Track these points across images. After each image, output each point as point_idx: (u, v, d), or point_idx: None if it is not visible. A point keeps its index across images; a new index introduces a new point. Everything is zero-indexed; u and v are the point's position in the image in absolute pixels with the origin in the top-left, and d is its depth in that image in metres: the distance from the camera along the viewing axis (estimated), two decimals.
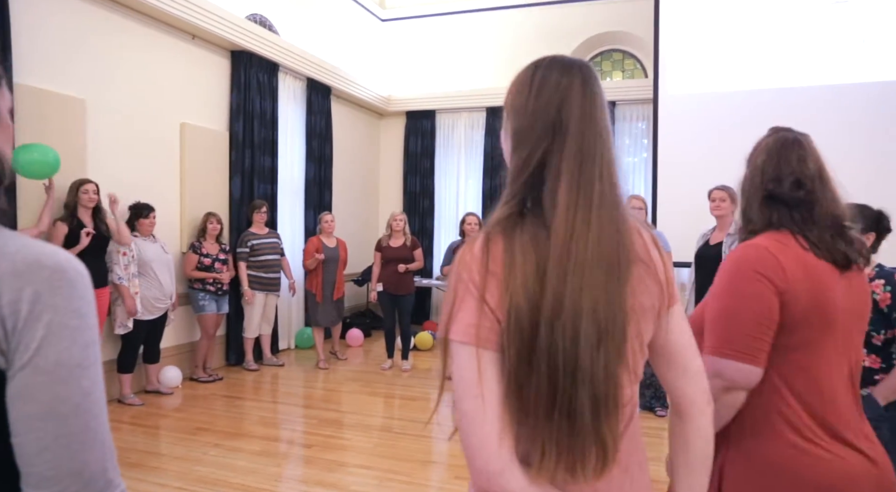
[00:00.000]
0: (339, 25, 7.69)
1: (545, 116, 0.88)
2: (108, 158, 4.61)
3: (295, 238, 6.76)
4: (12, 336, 0.67)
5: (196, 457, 3.60)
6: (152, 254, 4.64)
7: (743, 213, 1.36)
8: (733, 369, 1.20)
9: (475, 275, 0.84)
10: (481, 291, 0.83)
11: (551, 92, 0.88)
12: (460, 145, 8.36)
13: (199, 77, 5.51)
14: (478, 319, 0.83)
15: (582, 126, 0.87)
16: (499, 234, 0.86)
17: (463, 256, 0.87)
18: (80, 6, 4.38)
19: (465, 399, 0.83)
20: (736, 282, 1.24)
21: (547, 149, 0.87)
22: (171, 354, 5.16)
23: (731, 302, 1.23)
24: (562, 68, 0.91)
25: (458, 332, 0.84)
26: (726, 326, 1.22)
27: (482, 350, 0.83)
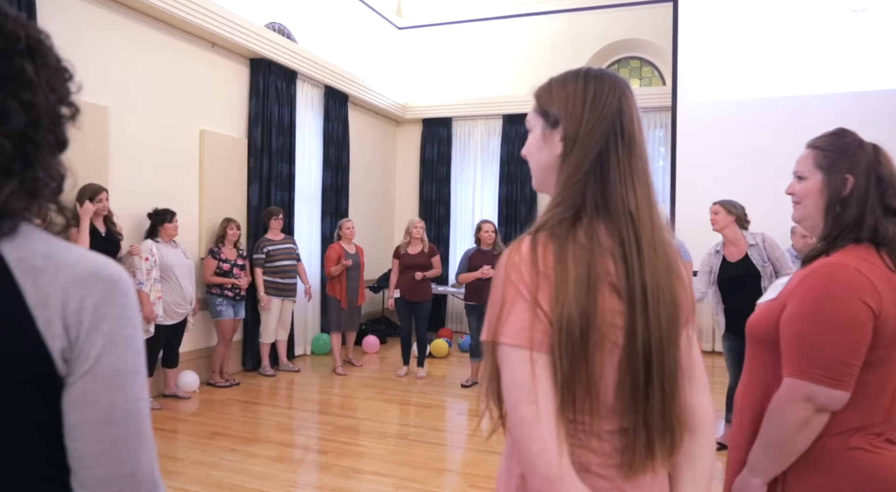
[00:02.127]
0: (357, 33, 7.75)
1: (605, 121, 0.90)
2: (130, 164, 4.68)
3: (311, 244, 6.80)
4: (75, 345, 0.69)
5: (213, 462, 3.62)
6: (174, 259, 4.69)
7: (845, 223, 1.28)
8: (825, 395, 1.18)
9: (525, 276, 0.83)
10: (533, 294, 0.82)
11: (608, 98, 0.91)
12: (476, 153, 8.37)
13: (218, 85, 5.58)
14: (531, 322, 0.82)
15: (638, 132, 0.92)
16: (547, 236, 0.86)
17: (510, 256, 0.86)
18: (103, 15, 4.46)
19: (520, 404, 0.82)
20: (830, 306, 1.20)
21: (609, 152, 0.89)
22: (189, 359, 5.20)
23: (825, 327, 1.19)
24: (611, 78, 0.94)
25: (511, 335, 0.83)
26: (819, 350, 1.19)
27: (536, 353, 0.82)
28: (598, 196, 0.88)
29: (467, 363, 5.91)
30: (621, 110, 0.91)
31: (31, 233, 0.71)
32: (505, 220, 7.94)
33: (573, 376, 0.82)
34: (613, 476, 0.88)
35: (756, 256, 3.77)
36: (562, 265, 0.83)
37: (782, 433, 1.22)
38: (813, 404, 1.19)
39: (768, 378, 1.31)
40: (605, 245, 0.86)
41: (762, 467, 1.25)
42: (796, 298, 1.26)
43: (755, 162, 5.95)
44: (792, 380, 1.21)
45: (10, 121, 0.68)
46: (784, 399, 1.22)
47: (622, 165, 0.89)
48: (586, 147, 0.90)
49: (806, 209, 1.37)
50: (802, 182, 1.38)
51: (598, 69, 0.96)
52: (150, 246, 4.52)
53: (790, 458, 1.23)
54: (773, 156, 5.93)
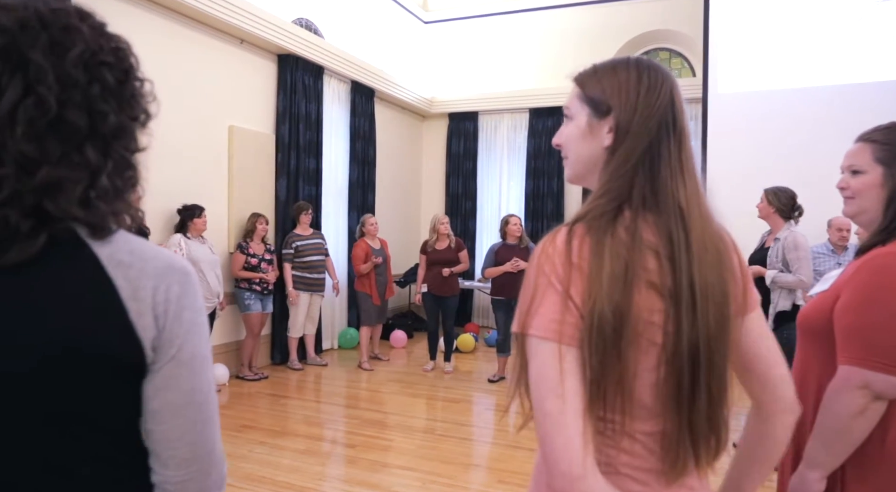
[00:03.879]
0: (383, 28, 7.74)
1: (658, 113, 0.88)
2: (161, 160, 4.74)
3: (339, 239, 6.83)
4: (162, 333, 0.73)
5: (242, 454, 3.66)
6: (201, 254, 4.74)
7: (888, 212, 1.29)
8: (883, 382, 1.17)
9: (558, 267, 0.81)
10: (566, 286, 0.80)
11: (662, 89, 0.89)
12: (503, 147, 8.31)
13: (247, 81, 5.62)
14: (561, 315, 0.80)
15: (687, 125, 0.91)
16: (585, 228, 0.84)
17: (545, 248, 0.84)
18: (134, 12, 4.53)
19: (547, 398, 0.80)
20: (887, 294, 1.19)
21: (660, 145, 0.87)
22: (218, 353, 5.27)
23: (881, 314, 1.19)
24: (662, 69, 0.93)
25: (540, 327, 0.81)
26: (875, 337, 1.18)
27: (565, 347, 0.80)
28: (646, 190, 0.86)
29: (494, 358, 5.88)
30: (673, 102, 0.89)
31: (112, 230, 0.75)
32: (532, 215, 7.87)
33: (603, 373, 0.79)
34: (648, 481, 0.85)
35: (773, 252, 3.67)
36: (597, 259, 0.80)
37: (839, 422, 1.19)
38: (870, 391, 1.17)
39: (821, 370, 1.28)
40: (647, 241, 0.83)
41: (820, 460, 1.22)
42: (851, 287, 1.24)
43: (788, 154, 5.79)
44: (848, 367, 1.19)
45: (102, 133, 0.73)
46: (840, 387, 1.20)
47: (672, 158, 0.87)
48: (638, 139, 0.87)
49: (864, 204, 1.34)
50: (859, 177, 1.34)
51: (647, 58, 0.94)
52: (179, 240, 4.59)
53: (848, 449, 1.20)
54: (807, 147, 5.78)
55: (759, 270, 3.64)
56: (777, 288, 3.63)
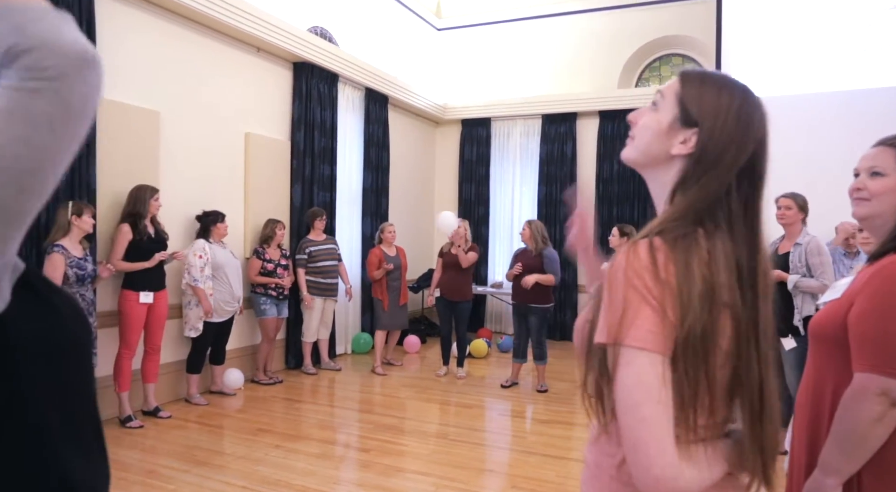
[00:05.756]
0: (397, 35, 7.82)
1: (744, 149, 0.91)
2: (179, 166, 4.83)
3: (352, 245, 6.89)
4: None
5: (258, 457, 3.70)
6: (224, 259, 4.83)
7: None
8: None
9: (649, 282, 0.83)
10: (661, 301, 0.83)
11: (755, 126, 0.92)
12: (516, 153, 8.34)
13: (263, 88, 5.71)
14: (660, 327, 0.83)
15: (765, 168, 0.93)
16: (666, 245, 0.86)
17: (630, 261, 0.85)
18: (156, 23, 4.62)
19: (645, 404, 0.82)
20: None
21: (739, 179, 0.91)
22: (234, 357, 5.33)
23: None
24: (759, 104, 0.95)
25: (638, 338, 0.83)
26: (892, 344, 1.19)
27: (663, 357, 0.83)
28: (722, 219, 0.90)
29: (507, 364, 5.89)
30: (762, 142, 0.92)
31: None
32: (545, 220, 7.86)
33: (695, 387, 0.85)
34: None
35: (795, 257, 3.67)
36: (687, 279, 0.83)
37: (856, 429, 1.20)
38: (887, 397, 1.17)
39: (835, 378, 1.29)
40: (726, 267, 0.87)
41: (836, 466, 1.23)
42: (866, 295, 1.24)
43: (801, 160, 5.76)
44: (865, 375, 1.20)
45: None
46: (857, 394, 1.20)
47: (754, 200, 0.92)
48: (721, 166, 0.91)
49: (878, 207, 1.33)
50: (878, 179, 1.33)
51: (754, 94, 0.96)
52: (203, 245, 4.66)
53: (865, 456, 1.20)
54: (819, 153, 5.74)
55: (781, 274, 3.64)
56: (799, 293, 3.62)
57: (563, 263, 5.93)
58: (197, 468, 3.50)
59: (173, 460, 3.60)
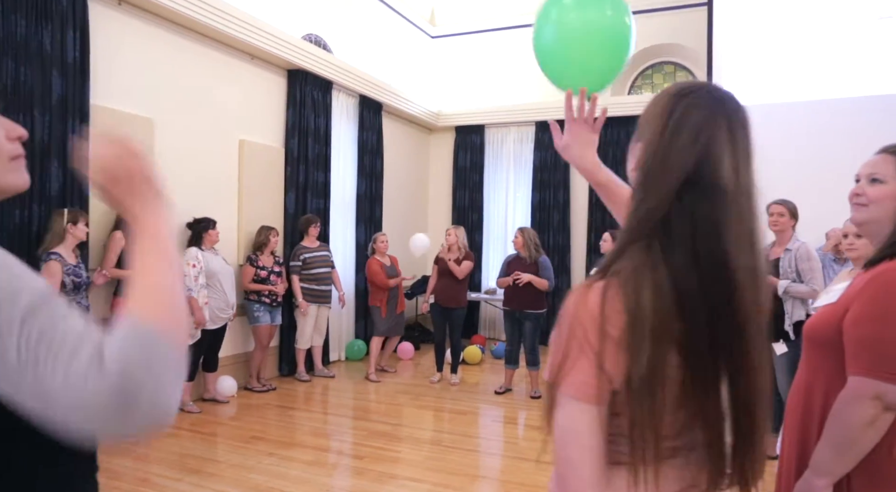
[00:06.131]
0: (391, 43, 7.85)
1: (681, 164, 0.83)
2: (173, 174, 4.83)
3: (346, 252, 6.89)
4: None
5: (251, 465, 3.69)
6: (217, 266, 4.82)
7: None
8: (894, 393, 1.20)
9: (591, 335, 0.82)
10: (599, 356, 0.81)
11: (692, 135, 0.83)
12: (509, 160, 8.37)
13: (257, 95, 5.72)
14: (593, 379, 0.82)
15: (726, 180, 0.83)
16: (618, 287, 0.82)
17: (577, 309, 0.84)
18: (150, 30, 4.63)
19: (571, 447, 0.83)
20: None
21: (679, 201, 0.82)
22: (227, 364, 5.32)
23: (894, 327, 1.21)
24: (709, 104, 0.85)
25: (571, 386, 0.83)
26: (888, 349, 1.21)
27: (592, 406, 0.83)
28: (667, 238, 0.83)
29: (500, 370, 5.89)
30: (707, 153, 0.83)
31: None
32: (538, 226, 7.91)
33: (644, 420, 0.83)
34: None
35: (785, 263, 3.70)
36: (631, 330, 0.80)
37: (848, 432, 1.22)
38: (881, 402, 1.20)
39: (826, 380, 1.31)
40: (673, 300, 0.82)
41: (828, 468, 1.25)
42: (862, 301, 1.26)
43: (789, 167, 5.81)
44: (859, 378, 1.22)
45: None
46: (851, 397, 1.23)
47: (695, 227, 0.82)
48: (656, 188, 0.84)
49: (875, 213, 1.35)
50: (877, 185, 1.35)
51: (707, 89, 0.88)
52: (196, 253, 4.65)
53: (856, 458, 1.23)
54: (808, 160, 5.81)
55: (772, 280, 3.68)
56: (790, 298, 3.65)
57: (557, 269, 5.96)
58: (190, 476, 3.48)
59: (166, 469, 3.58)
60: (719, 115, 0.85)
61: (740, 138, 0.85)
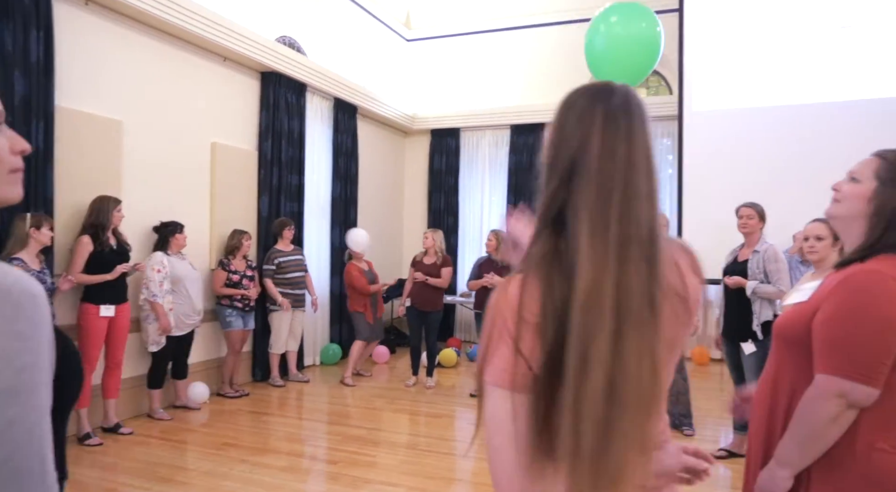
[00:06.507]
0: (366, 46, 7.83)
1: (566, 152, 0.88)
2: (143, 177, 4.75)
3: (321, 255, 6.84)
4: None
5: (223, 472, 3.63)
6: (183, 271, 4.73)
7: (873, 231, 1.34)
8: (860, 392, 1.24)
9: (509, 322, 0.85)
10: (515, 341, 0.84)
11: (573, 126, 0.89)
12: (484, 163, 8.41)
13: (229, 98, 5.65)
14: (511, 366, 0.85)
15: (600, 163, 0.85)
16: (535, 277, 0.86)
17: (498, 300, 0.87)
18: (118, 30, 4.54)
19: (496, 436, 0.86)
20: (871, 307, 1.25)
21: (567, 188, 0.87)
22: (199, 370, 5.23)
23: (861, 327, 1.25)
24: (589, 98, 0.90)
25: (492, 375, 0.87)
26: (854, 349, 1.25)
27: (515, 393, 0.85)
28: (561, 236, 0.87)
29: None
30: (586, 138, 0.87)
31: None
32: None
33: (549, 415, 0.84)
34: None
35: (753, 264, 3.78)
36: (544, 303, 0.83)
37: (814, 427, 1.27)
38: (845, 400, 1.24)
39: (792, 377, 1.35)
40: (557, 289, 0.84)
41: (790, 460, 1.30)
42: (833, 302, 1.30)
43: (761, 170, 5.95)
44: (826, 376, 1.26)
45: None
46: (817, 395, 1.27)
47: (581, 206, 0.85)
48: (551, 179, 0.89)
49: (844, 210, 1.40)
50: (854, 184, 1.40)
51: (590, 86, 0.91)
52: (161, 258, 4.56)
53: (818, 452, 1.28)
54: (779, 164, 5.94)
55: (740, 280, 3.76)
56: (758, 298, 3.73)
57: None
58: (159, 485, 3.41)
59: (134, 478, 3.51)
60: (597, 106, 0.88)
61: (621, 124, 0.87)
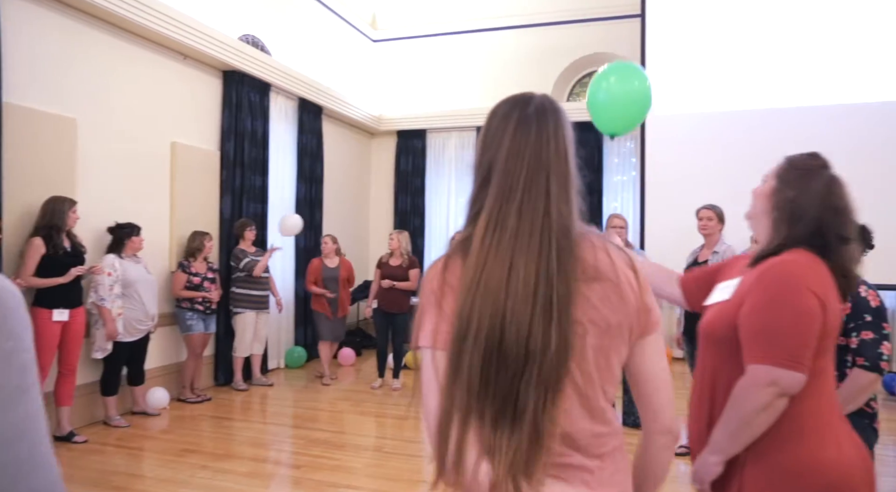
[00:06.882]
0: (331, 46, 7.77)
1: (486, 156, 0.97)
2: (99, 177, 4.61)
3: (285, 257, 6.74)
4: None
5: (182, 479, 3.55)
6: (136, 275, 4.57)
7: (794, 235, 1.39)
8: (790, 378, 1.28)
9: (435, 285, 0.94)
10: (439, 300, 0.92)
11: (493, 131, 0.98)
12: (451, 164, 8.42)
13: (190, 97, 5.54)
14: (436, 325, 0.92)
15: (506, 164, 0.94)
16: (457, 253, 0.95)
17: (428, 272, 0.97)
18: (71, 26, 4.41)
19: (427, 396, 0.92)
20: (789, 295, 1.31)
21: (486, 187, 0.95)
22: (159, 375, 5.10)
23: (784, 315, 1.30)
24: (509, 106, 0.99)
25: (423, 338, 0.93)
26: (780, 337, 1.29)
27: (440, 352, 0.90)
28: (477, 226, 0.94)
29: None
30: (500, 145, 0.96)
31: None
32: None
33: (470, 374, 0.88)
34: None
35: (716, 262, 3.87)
36: (464, 274, 0.91)
37: (745, 416, 1.30)
38: (776, 387, 1.28)
39: (725, 374, 1.38)
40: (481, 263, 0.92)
41: (721, 447, 1.34)
42: (755, 295, 1.35)
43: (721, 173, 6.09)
44: (756, 366, 1.30)
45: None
46: (749, 384, 1.31)
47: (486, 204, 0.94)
48: (474, 182, 1.00)
49: (753, 208, 1.51)
50: (761, 185, 1.50)
51: (510, 97, 1.00)
52: (113, 261, 4.41)
53: (748, 439, 1.32)
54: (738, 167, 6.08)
55: None
56: None
57: None
58: None
59: (88, 488, 3.39)
60: (513, 112, 0.97)
61: (532, 129, 0.95)
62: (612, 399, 0.98)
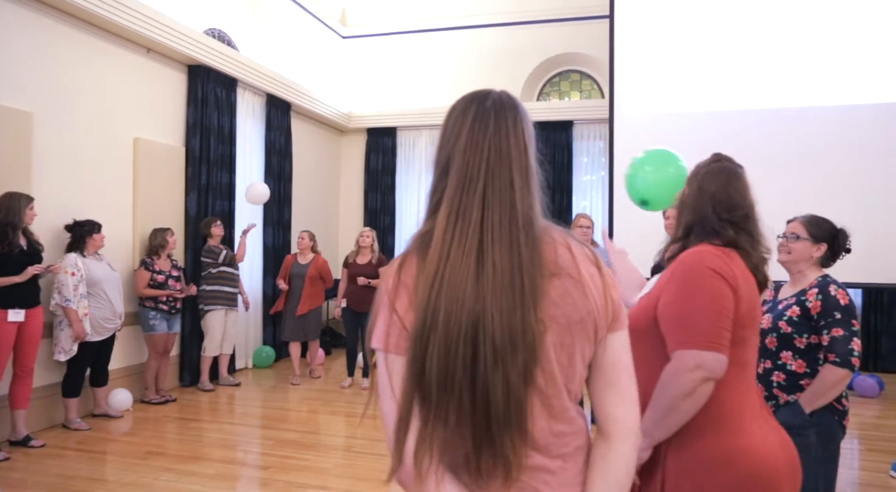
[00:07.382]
0: (300, 42, 7.67)
1: (445, 150, 0.97)
2: (56, 173, 4.46)
3: (254, 255, 6.64)
4: None
5: (146, 483, 3.46)
6: (101, 273, 4.46)
7: (686, 226, 1.52)
8: (713, 360, 1.31)
9: (389, 285, 0.92)
10: (392, 301, 0.90)
11: (451, 126, 0.98)
12: (421, 162, 8.39)
13: (154, 91, 5.40)
14: (388, 327, 0.90)
15: (465, 158, 0.93)
16: (414, 250, 0.94)
17: (384, 270, 0.97)
18: (28, 16, 4.26)
19: (382, 399, 0.91)
20: (698, 280, 1.36)
21: (444, 181, 0.95)
22: (121, 376, 4.98)
23: (698, 299, 1.35)
24: (467, 101, 0.98)
25: (374, 339, 0.92)
26: (698, 320, 1.33)
27: (393, 355, 0.90)
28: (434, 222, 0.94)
29: None
30: (457, 140, 0.95)
31: None
32: None
33: (412, 379, 0.87)
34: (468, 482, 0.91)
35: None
36: (420, 271, 0.89)
37: (670, 401, 1.33)
38: (702, 371, 1.31)
39: (650, 367, 1.40)
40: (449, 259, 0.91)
41: (648, 432, 1.36)
42: (669, 286, 1.41)
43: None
44: (680, 351, 1.34)
45: None
46: (676, 370, 1.34)
47: (445, 197, 0.93)
48: (434, 179, 0.99)
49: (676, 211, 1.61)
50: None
51: (469, 94, 1.00)
52: (75, 260, 4.28)
53: (676, 424, 1.34)
54: None
55: None
56: None
57: None
58: None
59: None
60: (471, 107, 0.97)
61: (490, 123, 0.94)
62: (577, 398, 0.96)
